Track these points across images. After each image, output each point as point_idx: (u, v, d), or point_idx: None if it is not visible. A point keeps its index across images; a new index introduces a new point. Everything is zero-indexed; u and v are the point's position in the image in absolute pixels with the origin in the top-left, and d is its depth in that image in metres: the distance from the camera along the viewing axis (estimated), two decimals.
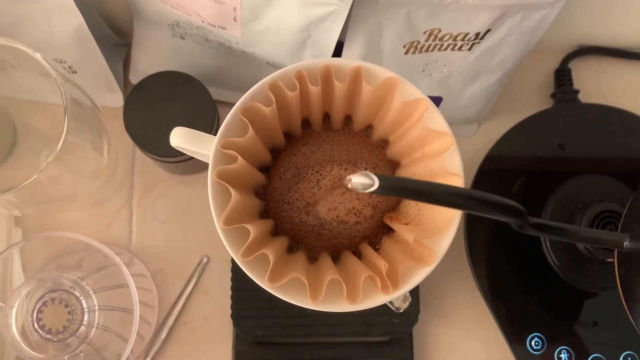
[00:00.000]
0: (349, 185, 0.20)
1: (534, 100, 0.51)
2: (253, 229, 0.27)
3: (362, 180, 0.20)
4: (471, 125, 0.50)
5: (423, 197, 0.21)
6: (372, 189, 0.20)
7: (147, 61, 0.47)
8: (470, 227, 0.47)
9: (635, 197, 0.34)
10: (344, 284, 0.27)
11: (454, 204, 0.22)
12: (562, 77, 0.50)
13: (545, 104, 0.51)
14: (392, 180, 0.21)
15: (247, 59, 0.43)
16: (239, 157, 0.28)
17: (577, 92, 0.50)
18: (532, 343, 0.45)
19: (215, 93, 0.44)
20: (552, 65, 0.51)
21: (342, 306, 0.28)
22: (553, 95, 0.51)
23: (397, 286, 0.28)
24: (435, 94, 0.44)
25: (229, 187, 0.27)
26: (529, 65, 0.51)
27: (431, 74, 0.42)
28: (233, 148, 0.28)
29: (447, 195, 0.22)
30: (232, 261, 0.44)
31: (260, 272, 0.28)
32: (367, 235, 0.32)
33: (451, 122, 0.49)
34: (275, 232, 0.32)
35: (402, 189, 0.21)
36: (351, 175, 0.20)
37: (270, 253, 0.27)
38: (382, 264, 0.27)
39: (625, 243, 0.30)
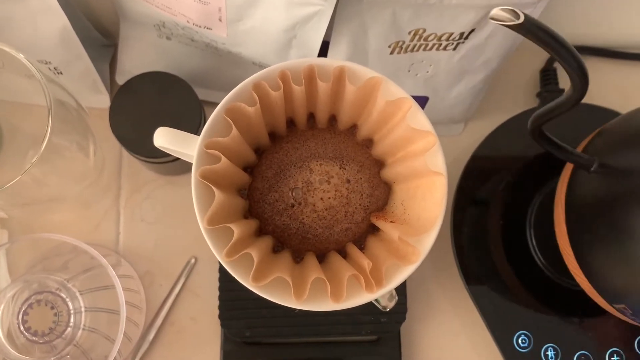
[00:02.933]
0: (490, 16, 0.21)
1: (520, 99, 0.52)
2: (237, 229, 0.27)
3: (506, 14, 0.21)
4: (457, 125, 0.50)
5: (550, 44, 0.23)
6: (517, 22, 0.21)
7: (134, 62, 0.47)
8: (457, 226, 0.47)
9: (605, 127, 0.37)
10: (328, 283, 0.27)
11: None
12: (548, 76, 0.50)
13: (531, 103, 0.52)
14: (537, 22, 0.22)
15: (233, 59, 0.43)
16: (223, 157, 0.28)
17: (562, 91, 0.50)
18: (519, 341, 0.45)
19: (202, 94, 0.44)
20: (538, 64, 0.52)
21: (327, 305, 0.28)
22: (539, 95, 0.51)
23: (381, 284, 0.28)
24: (421, 93, 0.44)
25: (213, 187, 0.27)
26: (515, 65, 0.51)
27: (417, 74, 0.42)
28: (217, 148, 0.28)
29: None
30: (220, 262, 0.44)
31: (245, 272, 0.28)
32: (354, 238, 0.32)
33: (438, 122, 0.49)
34: (260, 233, 0.32)
35: (542, 31, 0.22)
36: (496, 9, 0.21)
37: (254, 253, 0.27)
38: (366, 263, 0.28)
39: (594, 166, 0.34)
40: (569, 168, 0.40)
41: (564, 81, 0.51)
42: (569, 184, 0.38)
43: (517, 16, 0.21)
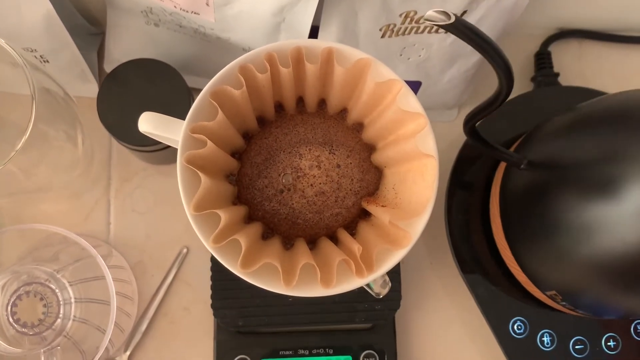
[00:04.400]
0: (425, 17, 0.23)
1: (515, 84, 0.51)
2: (224, 215, 0.27)
3: (439, 15, 0.22)
4: (451, 111, 0.50)
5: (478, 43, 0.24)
6: (448, 22, 0.22)
7: (122, 49, 0.46)
8: (451, 212, 0.46)
9: (535, 128, 0.40)
10: (317, 268, 0.27)
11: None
12: (542, 60, 0.50)
13: (526, 87, 0.51)
14: (466, 22, 0.23)
15: (222, 45, 0.42)
16: (209, 142, 0.27)
17: (557, 75, 0.50)
18: (515, 327, 0.45)
19: (191, 81, 0.44)
20: (532, 48, 0.51)
21: (317, 291, 0.28)
22: (533, 79, 0.50)
23: (372, 269, 0.27)
24: (413, 78, 0.44)
25: (199, 172, 0.27)
26: (509, 49, 0.50)
27: (409, 58, 0.41)
28: (202, 132, 0.27)
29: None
30: None
31: (233, 258, 0.27)
32: (345, 223, 0.31)
33: (431, 108, 0.49)
34: (250, 219, 0.31)
35: (470, 31, 0.23)
36: (430, 10, 0.22)
37: (242, 239, 0.27)
38: (356, 248, 0.27)
39: (523, 164, 0.37)
40: (502, 166, 0.42)
41: (559, 64, 0.51)
42: (502, 180, 0.41)
43: (449, 17, 0.23)
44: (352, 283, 0.28)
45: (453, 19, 0.23)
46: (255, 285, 0.28)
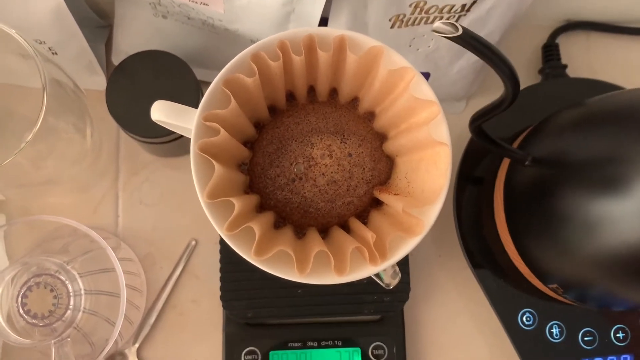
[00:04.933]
0: (433, 28, 0.23)
1: (522, 76, 0.50)
2: (238, 203, 0.27)
3: (447, 27, 0.23)
4: (459, 103, 0.50)
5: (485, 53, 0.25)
6: (456, 34, 0.23)
7: (130, 42, 0.46)
8: (460, 205, 0.46)
9: (541, 123, 0.41)
10: (331, 255, 0.27)
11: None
12: (550, 52, 0.50)
13: (534, 79, 0.51)
14: (473, 33, 0.24)
15: (230, 37, 0.42)
16: (222, 130, 0.27)
17: (565, 67, 0.49)
18: (524, 319, 0.45)
19: (200, 74, 0.43)
20: (540, 40, 0.51)
21: (330, 278, 0.28)
22: (541, 71, 0.50)
23: (385, 257, 0.27)
24: (422, 69, 0.44)
25: (212, 161, 0.27)
26: (517, 41, 0.51)
27: (418, 49, 0.41)
28: (215, 120, 0.27)
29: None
30: (221, 243, 0.44)
31: (246, 246, 0.27)
32: (357, 212, 0.31)
33: (440, 100, 0.48)
34: (262, 209, 0.31)
35: (477, 42, 0.24)
36: (438, 22, 0.23)
37: (256, 226, 0.27)
38: (370, 235, 0.27)
39: (527, 160, 0.37)
40: (506, 162, 0.42)
41: (567, 57, 0.50)
42: (506, 176, 0.41)
43: (457, 29, 0.23)
44: (365, 271, 0.28)
45: (461, 31, 0.23)
46: (269, 273, 0.28)
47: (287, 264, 0.27)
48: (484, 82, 0.48)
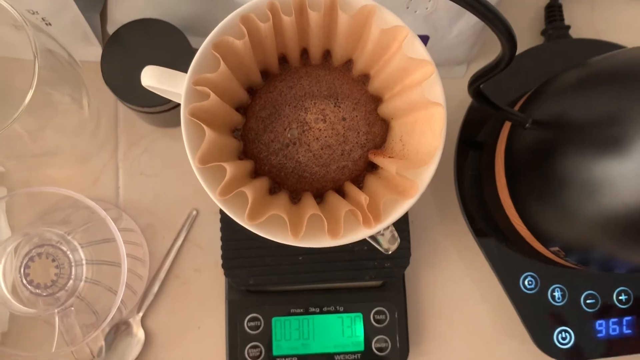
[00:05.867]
0: None
1: (525, 38, 0.50)
2: (230, 168, 0.27)
3: None
4: (460, 67, 0.49)
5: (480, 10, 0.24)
6: None
7: (124, 10, 0.45)
8: (461, 169, 0.46)
9: (541, 85, 0.40)
10: (324, 219, 0.27)
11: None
12: (553, 12, 0.49)
13: (536, 40, 0.50)
14: None
15: (224, 3, 0.42)
16: (212, 94, 0.27)
17: (568, 27, 0.48)
18: (525, 282, 0.45)
19: (195, 42, 0.43)
20: (543, 1, 0.50)
21: (324, 241, 0.27)
22: (544, 32, 0.49)
23: (379, 219, 0.27)
24: (420, 32, 0.43)
25: (203, 125, 0.26)
26: (519, 2, 0.50)
27: (416, 11, 0.40)
28: (205, 84, 0.27)
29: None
30: (221, 212, 0.44)
31: (240, 211, 0.27)
32: (352, 177, 0.31)
33: (440, 64, 0.48)
34: (256, 174, 0.31)
35: None
36: None
37: (249, 191, 0.26)
38: (363, 198, 0.27)
39: (528, 123, 0.37)
40: (507, 126, 0.42)
41: (570, 17, 0.49)
42: (507, 140, 0.41)
43: None
44: (359, 233, 0.28)
45: None
46: (269, 240, 0.28)
47: (281, 228, 0.27)
48: (484, 46, 0.47)
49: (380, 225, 0.27)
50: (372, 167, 0.31)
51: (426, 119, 0.28)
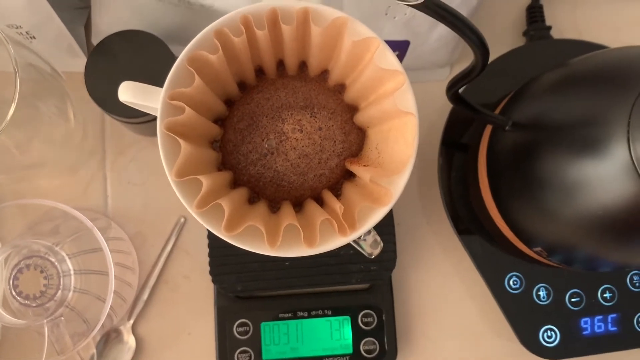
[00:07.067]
0: None
1: (507, 39, 0.50)
2: (206, 181, 0.27)
3: None
4: (443, 69, 0.49)
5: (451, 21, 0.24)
6: (419, 2, 0.22)
7: (108, 22, 0.46)
8: (445, 171, 0.46)
9: (521, 88, 0.41)
10: (300, 228, 0.27)
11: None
12: (534, 13, 0.49)
13: (518, 42, 0.50)
14: (437, 1, 0.23)
15: (206, 13, 0.42)
16: (187, 108, 0.27)
17: (549, 28, 0.49)
18: (511, 282, 0.45)
19: (178, 51, 0.43)
20: (525, 2, 0.50)
21: (301, 250, 0.28)
22: (525, 33, 0.50)
23: (354, 227, 0.28)
24: (401, 37, 0.43)
25: (179, 139, 0.27)
26: (501, 3, 0.50)
27: (395, 17, 0.41)
28: (180, 99, 0.27)
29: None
30: None
31: (217, 222, 0.28)
32: (329, 184, 0.32)
33: (422, 67, 0.48)
34: (235, 185, 0.31)
35: (442, 9, 0.23)
36: None
37: (225, 203, 0.27)
38: (338, 206, 0.27)
39: (508, 125, 0.38)
40: (489, 129, 0.42)
41: (552, 17, 0.50)
42: (489, 142, 0.41)
43: None
44: (335, 242, 0.28)
45: None
46: (240, 247, 0.28)
47: (259, 239, 0.28)
48: (466, 48, 0.47)
49: (355, 233, 0.28)
50: (350, 175, 0.32)
51: (399, 128, 0.29)
